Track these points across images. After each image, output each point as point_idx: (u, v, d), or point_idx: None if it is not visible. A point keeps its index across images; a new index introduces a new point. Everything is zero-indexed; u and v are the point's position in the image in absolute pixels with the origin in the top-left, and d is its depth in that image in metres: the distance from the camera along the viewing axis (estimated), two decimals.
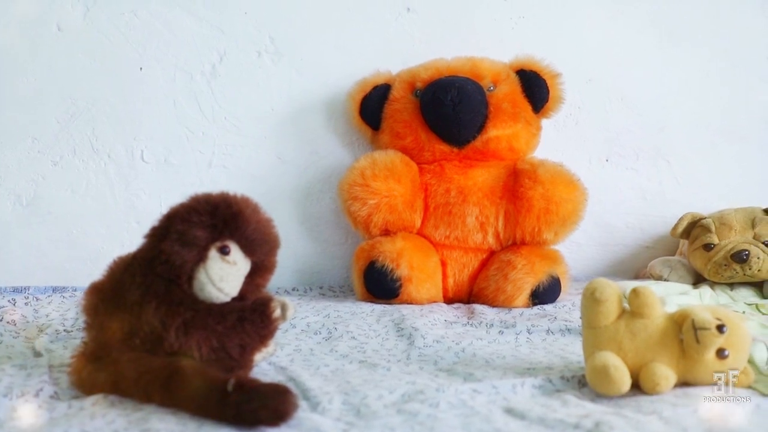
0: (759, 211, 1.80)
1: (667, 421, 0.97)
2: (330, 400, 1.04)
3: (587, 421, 0.96)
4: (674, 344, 1.10)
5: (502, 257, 1.69)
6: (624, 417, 0.98)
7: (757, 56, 2.11)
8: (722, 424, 0.95)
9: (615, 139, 2.09)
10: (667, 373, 1.09)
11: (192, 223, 1.08)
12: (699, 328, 1.08)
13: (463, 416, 1.00)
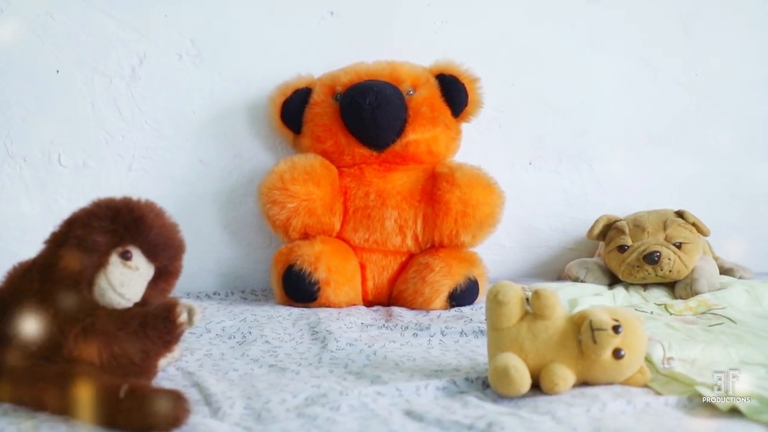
0: (671, 213, 1.84)
1: (559, 421, 0.99)
2: (231, 405, 1.05)
3: (481, 422, 0.97)
4: (573, 345, 1.13)
5: (421, 260, 1.71)
6: (519, 417, 1.00)
7: (674, 62, 2.16)
8: (612, 424, 0.97)
9: (538, 143, 2.12)
10: (565, 373, 1.12)
11: (92, 228, 1.07)
12: (596, 329, 1.10)
13: (362, 419, 1.01)
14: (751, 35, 2.20)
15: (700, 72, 2.18)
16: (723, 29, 2.18)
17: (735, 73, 2.19)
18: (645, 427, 0.96)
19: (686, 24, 2.15)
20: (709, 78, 2.18)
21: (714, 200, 2.19)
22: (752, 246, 2.20)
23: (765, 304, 1.63)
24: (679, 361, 1.23)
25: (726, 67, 2.19)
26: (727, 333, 1.42)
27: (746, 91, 2.21)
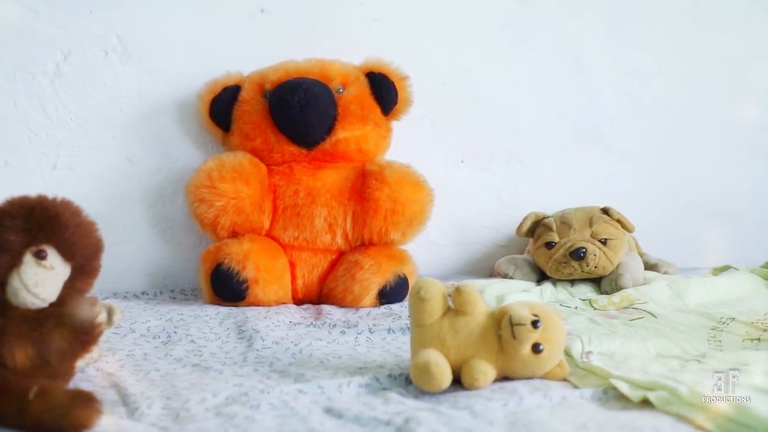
0: (597, 210, 1.87)
1: (476, 415, 1.01)
2: (150, 405, 1.04)
3: (399, 418, 0.98)
4: (493, 340, 1.15)
5: (350, 258, 1.71)
6: (438, 412, 1.01)
7: (603, 62, 2.20)
8: (527, 417, 0.99)
9: (470, 141, 2.14)
10: (485, 368, 1.13)
11: (5, 227, 1.05)
12: (515, 324, 1.12)
13: (281, 417, 1.01)
14: (677, 35, 2.25)
15: (628, 71, 2.22)
16: (650, 29, 2.22)
17: (661, 72, 2.24)
18: (559, 420, 0.97)
19: (614, 24, 2.19)
20: (636, 77, 2.23)
21: (641, 197, 2.24)
22: (677, 242, 2.26)
23: (686, 299, 1.67)
24: (598, 354, 1.25)
25: (652, 67, 2.23)
26: (646, 327, 1.45)
27: (672, 90, 2.26)
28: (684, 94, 2.28)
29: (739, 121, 2.32)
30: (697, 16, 2.25)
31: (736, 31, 2.29)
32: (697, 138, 2.29)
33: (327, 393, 1.11)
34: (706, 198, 2.31)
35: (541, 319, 1.13)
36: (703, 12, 2.24)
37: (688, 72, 2.27)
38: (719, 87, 2.29)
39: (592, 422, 0.96)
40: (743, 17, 2.29)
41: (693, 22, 2.25)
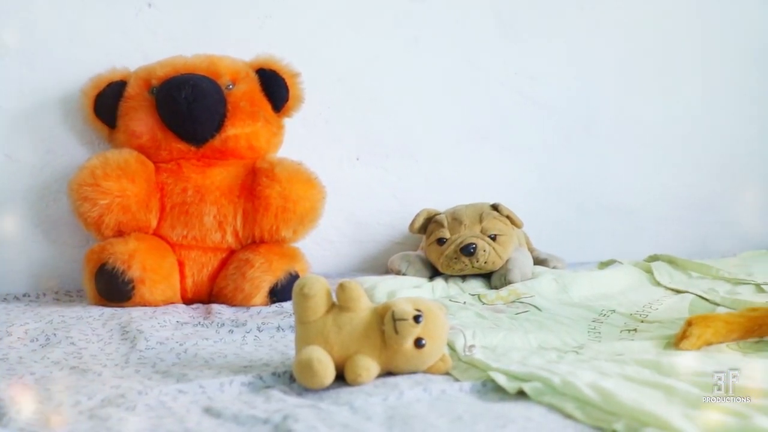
0: (487, 206, 1.91)
1: (356, 410, 1.01)
2: (19, 410, 1.00)
3: (277, 416, 0.98)
4: (377, 336, 1.15)
5: (241, 256, 1.69)
6: (318, 409, 1.01)
7: (494, 61, 2.24)
8: (405, 411, 1.00)
9: (366, 138, 2.14)
10: (368, 364, 1.13)
11: None
12: (397, 319, 1.13)
13: (157, 418, 0.99)
14: (566, 35, 2.31)
15: (519, 71, 2.27)
16: (540, 30, 2.28)
17: (551, 71, 2.30)
18: (436, 413, 0.99)
19: (505, 24, 2.24)
20: (527, 77, 2.28)
21: (533, 194, 2.29)
22: (568, 237, 2.33)
23: (571, 293, 1.72)
24: (481, 348, 1.28)
25: (543, 66, 2.29)
26: (530, 320, 1.48)
27: (562, 88, 2.32)
28: (573, 92, 2.34)
29: (627, 119, 2.40)
30: (583, 17, 2.31)
31: (622, 31, 2.36)
32: (587, 135, 2.35)
33: (208, 392, 1.09)
34: (596, 194, 2.38)
35: (424, 314, 1.15)
36: (589, 12, 2.31)
37: (578, 71, 2.34)
38: (607, 85, 2.36)
39: (468, 414, 0.97)
40: (629, 17, 2.37)
41: (580, 22, 2.32)
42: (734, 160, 2.53)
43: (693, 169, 2.48)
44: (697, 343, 1.25)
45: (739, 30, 2.50)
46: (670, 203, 2.47)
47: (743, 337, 1.30)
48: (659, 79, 2.42)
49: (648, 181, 2.44)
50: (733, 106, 2.52)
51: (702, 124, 2.49)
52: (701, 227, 2.51)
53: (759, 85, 2.53)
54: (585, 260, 2.23)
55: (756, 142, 2.55)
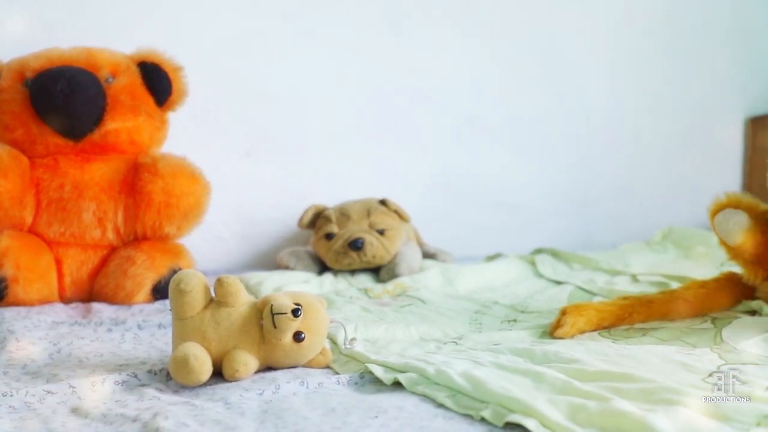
0: (375, 201, 1.92)
1: (230, 406, 1.00)
2: None
3: (147, 414, 0.96)
4: (256, 330, 1.14)
5: (122, 253, 1.65)
6: (192, 406, 1.00)
7: (385, 57, 2.25)
8: (280, 405, 0.99)
9: (256, 133, 2.12)
10: (246, 359, 1.13)
11: None
12: (276, 313, 1.13)
13: (20, 420, 0.96)
14: (454, 33, 2.34)
15: (410, 68, 2.29)
16: (429, 27, 2.30)
17: (441, 68, 2.33)
18: (310, 406, 0.99)
19: (396, 21, 2.25)
20: (417, 74, 2.30)
21: (424, 189, 2.32)
22: (459, 232, 2.36)
23: (456, 285, 1.74)
24: (363, 341, 1.28)
25: (433, 63, 2.32)
26: (414, 313, 1.50)
27: (452, 87, 2.35)
28: (462, 89, 2.37)
29: (514, 116, 2.45)
30: (471, 15, 2.35)
31: (508, 28, 2.41)
32: (475, 132, 2.39)
33: (78, 392, 1.06)
34: (485, 189, 2.42)
35: (303, 308, 1.14)
36: (477, 10, 2.35)
37: (465, 68, 2.37)
38: (494, 83, 2.41)
39: (341, 406, 0.97)
40: (514, 15, 2.42)
41: (468, 20, 2.35)
42: (617, 157, 2.62)
43: (577, 166, 2.56)
44: (571, 331, 1.29)
45: (620, 25, 2.59)
46: (556, 198, 2.54)
47: (615, 324, 1.35)
48: (544, 76, 2.48)
49: (535, 177, 2.50)
50: (616, 104, 2.61)
51: (586, 122, 2.57)
52: (585, 221, 2.59)
53: (640, 83, 2.63)
54: (474, 254, 2.27)
55: (636, 139, 2.65)
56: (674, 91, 2.68)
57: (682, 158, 2.70)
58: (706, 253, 2.04)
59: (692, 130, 2.72)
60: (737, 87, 2.79)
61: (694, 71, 2.72)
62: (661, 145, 2.67)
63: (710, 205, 1.42)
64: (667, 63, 2.66)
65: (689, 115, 2.72)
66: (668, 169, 2.68)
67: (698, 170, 2.71)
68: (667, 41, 2.66)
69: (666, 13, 2.65)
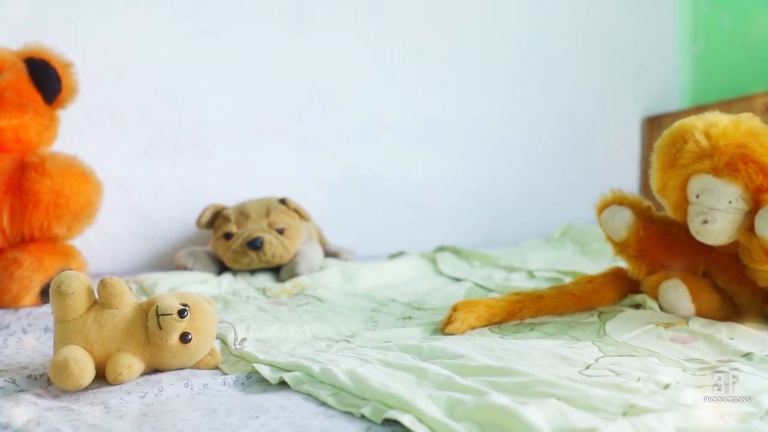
0: (275, 201, 1.91)
1: (110, 410, 0.98)
2: None
3: (19, 420, 0.93)
4: (141, 332, 1.12)
5: (9, 255, 1.59)
6: (69, 410, 0.97)
7: (287, 56, 2.24)
8: (161, 408, 0.98)
9: (153, 132, 2.09)
10: (130, 361, 1.10)
11: None
12: (161, 314, 1.10)
13: None
14: (359, 30, 2.35)
15: (314, 67, 2.28)
16: (333, 26, 2.30)
17: (346, 66, 2.34)
18: (191, 407, 0.97)
19: (299, 21, 2.24)
20: (321, 73, 2.30)
21: (329, 188, 2.32)
22: (363, 230, 2.37)
23: (356, 284, 1.75)
24: (254, 341, 1.27)
25: (337, 62, 2.32)
26: (310, 312, 1.50)
27: (357, 86, 2.36)
28: (366, 88, 2.38)
29: (418, 116, 2.48)
30: (375, 15, 2.36)
31: (413, 29, 2.44)
32: (380, 131, 2.41)
33: None
34: (390, 188, 2.44)
35: (190, 308, 1.13)
36: (381, 10, 2.36)
37: (371, 68, 2.39)
38: (398, 83, 2.43)
39: (223, 407, 0.96)
40: (419, 16, 2.44)
41: (371, 19, 2.36)
42: (520, 157, 2.68)
43: (482, 166, 2.60)
44: (461, 327, 1.31)
45: (524, 31, 2.64)
46: (461, 197, 2.58)
47: (505, 319, 1.38)
48: (449, 78, 2.52)
49: (441, 177, 2.54)
50: (519, 105, 2.66)
51: (491, 123, 2.61)
52: (490, 220, 2.64)
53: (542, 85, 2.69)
54: (381, 253, 2.28)
55: (538, 139, 2.71)
56: (574, 93, 2.76)
57: (581, 157, 2.78)
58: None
59: (591, 131, 2.81)
60: (633, 89, 2.89)
61: (593, 74, 2.80)
62: (561, 145, 2.75)
63: (597, 202, 1.46)
64: (567, 66, 2.74)
65: (588, 117, 2.80)
66: (569, 168, 2.75)
67: (597, 169, 2.79)
68: (568, 46, 2.73)
69: (566, 19, 2.72)
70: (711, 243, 1.32)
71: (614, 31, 2.83)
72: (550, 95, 2.73)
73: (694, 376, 1.01)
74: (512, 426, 0.81)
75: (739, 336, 1.21)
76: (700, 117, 1.35)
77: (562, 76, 2.74)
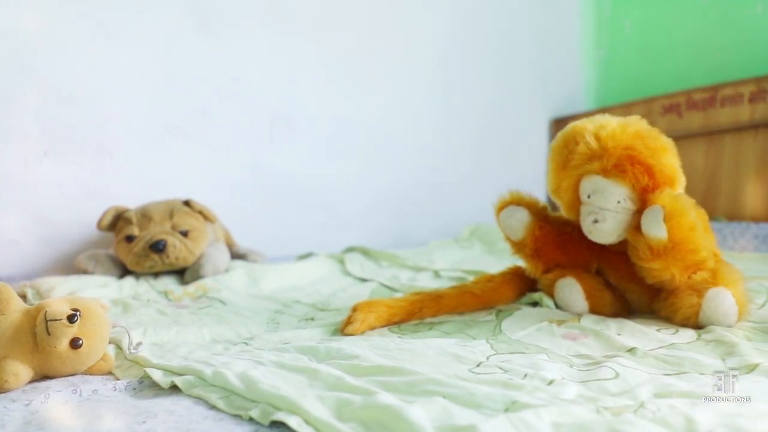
0: (179, 202, 1.88)
1: None
2: None
3: None
4: (29, 338, 1.09)
5: None
6: None
7: (194, 57, 2.21)
8: (45, 415, 0.95)
9: (53, 133, 2.03)
10: (17, 368, 1.07)
11: None
12: (50, 320, 1.08)
13: None
14: (264, 35, 2.34)
15: (220, 67, 2.26)
16: (240, 26, 2.29)
17: (253, 69, 2.32)
18: (77, 414, 0.95)
19: (204, 20, 2.22)
20: (227, 73, 2.28)
21: (238, 190, 2.30)
22: (273, 232, 2.36)
23: (261, 285, 1.74)
24: (151, 345, 1.25)
25: (243, 64, 2.30)
26: (211, 314, 1.48)
27: (264, 86, 2.35)
28: (275, 89, 2.38)
29: (328, 117, 2.48)
30: (284, 15, 2.35)
31: (323, 30, 2.44)
32: (289, 132, 2.41)
33: None
34: (302, 189, 2.44)
35: (82, 313, 1.11)
36: (287, 11, 2.36)
37: (278, 68, 2.38)
38: (307, 83, 2.43)
39: (110, 413, 0.95)
40: (328, 16, 2.45)
41: (279, 21, 2.36)
42: (430, 158, 2.71)
43: (393, 166, 2.62)
44: (361, 327, 1.32)
45: (432, 34, 2.67)
46: (372, 198, 2.59)
47: (405, 319, 1.39)
48: (359, 79, 2.53)
49: (352, 178, 2.55)
50: (428, 107, 2.69)
51: (401, 123, 2.64)
52: (402, 220, 2.66)
53: (451, 87, 2.73)
54: (291, 254, 2.28)
55: (448, 141, 2.74)
56: (483, 94, 2.81)
57: (491, 158, 2.83)
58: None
59: (500, 132, 2.86)
60: (540, 91, 2.95)
61: (502, 76, 2.85)
62: (472, 146, 2.79)
63: (495, 203, 1.49)
64: (477, 68, 2.78)
65: (497, 118, 2.85)
66: (479, 168, 2.80)
67: (506, 169, 2.84)
68: (478, 48, 2.77)
69: (477, 22, 2.76)
70: (602, 242, 1.37)
71: (523, 35, 2.89)
72: (460, 97, 2.77)
73: (579, 372, 1.04)
74: (396, 425, 0.82)
75: (627, 332, 1.26)
76: (591, 119, 1.39)
77: (472, 78, 2.78)
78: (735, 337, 1.19)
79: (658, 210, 1.24)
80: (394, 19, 2.59)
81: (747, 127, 2.23)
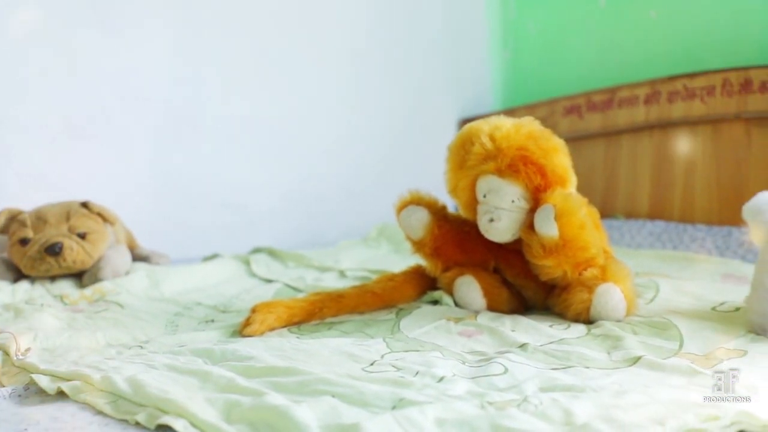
0: (76, 204, 1.83)
1: None
2: None
3: None
4: None
5: None
6: None
7: (94, 54, 2.16)
8: None
9: None
10: None
11: None
12: None
13: None
14: (167, 34, 2.30)
15: (122, 67, 2.22)
16: (142, 24, 2.24)
17: (156, 69, 2.28)
18: None
19: (104, 18, 2.17)
20: (130, 73, 2.23)
21: (141, 190, 2.26)
22: (179, 233, 2.33)
23: (162, 288, 1.71)
24: (41, 350, 1.22)
25: (146, 64, 2.26)
26: (107, 318, 1.45)
27: (168, 86, 2.31)
28: (179, 87, 2.34)
29: (234, 115, 2.46)
30: (184, 16, 2.32)
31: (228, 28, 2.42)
32: (195, 130, 2.37)
33: None
34: (207, 189, 2.41)
35: None
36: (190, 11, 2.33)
37: (182, 67, 2.34)
38: (213, 82, 2.40)
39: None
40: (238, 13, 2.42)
41: (182, 20, 2.32)
42: (339, 157, 2.71)
43: (302, 166, 2.61)
44: (260, 328, 1.31)
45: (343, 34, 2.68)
46: (281, 198, 2.58)
47: (306, 319, 1.39)
48: (266, 77, 2.51)
49: (258, 176, 2.52)
50: (337, 106, 2.69)
51: (309, 123, 2.63)
52: (310, 220, 2.65)
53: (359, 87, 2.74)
54: (198, 255, 2.24)
55: (356, 140, 2.75)
56: (392, 94, 2.82)
57: (400, 158, 2.85)
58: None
59: (409, 132, 2.88)
60: (450, 91, 2.99)
61: (411, 76, 2.88)
62: (381, 145, 2.80)
63: (395, 202, 1.50)
64: (386, 68, 2.80)
65: (406, 118, 2.87)
66: (388, 167, 2.81)
67: (413, 169, 2.86)
68: (386, 47, 2.79)
69: (385, 22, 2.78)
70: (498, 240, 1.39)
71: (431, 35, 2.92)
72: (368, 96, 2.78)
73: (471, 368, 1.06)
74: (283, 425, 0.82)
75: (521, 328, 1.29)
76: (487, 120, 1.42)
77: (381, 78, 2.80)
78: (622, 331, 1.23)
79: (549, 209, 1.28)
80: (299, 18, 2.58)
81: (643, 127, 2.30)
